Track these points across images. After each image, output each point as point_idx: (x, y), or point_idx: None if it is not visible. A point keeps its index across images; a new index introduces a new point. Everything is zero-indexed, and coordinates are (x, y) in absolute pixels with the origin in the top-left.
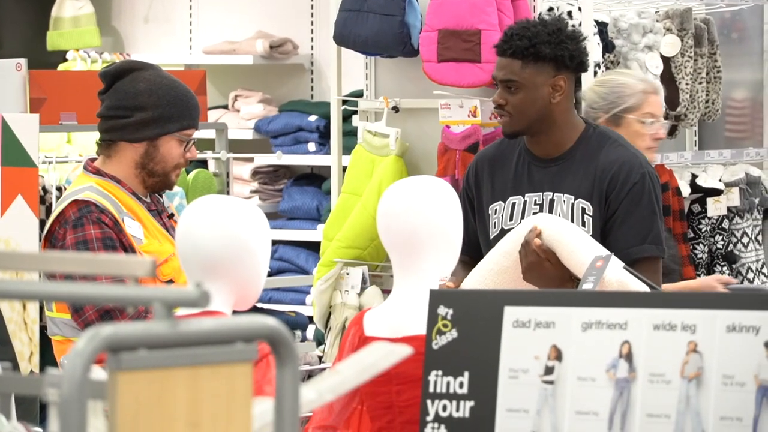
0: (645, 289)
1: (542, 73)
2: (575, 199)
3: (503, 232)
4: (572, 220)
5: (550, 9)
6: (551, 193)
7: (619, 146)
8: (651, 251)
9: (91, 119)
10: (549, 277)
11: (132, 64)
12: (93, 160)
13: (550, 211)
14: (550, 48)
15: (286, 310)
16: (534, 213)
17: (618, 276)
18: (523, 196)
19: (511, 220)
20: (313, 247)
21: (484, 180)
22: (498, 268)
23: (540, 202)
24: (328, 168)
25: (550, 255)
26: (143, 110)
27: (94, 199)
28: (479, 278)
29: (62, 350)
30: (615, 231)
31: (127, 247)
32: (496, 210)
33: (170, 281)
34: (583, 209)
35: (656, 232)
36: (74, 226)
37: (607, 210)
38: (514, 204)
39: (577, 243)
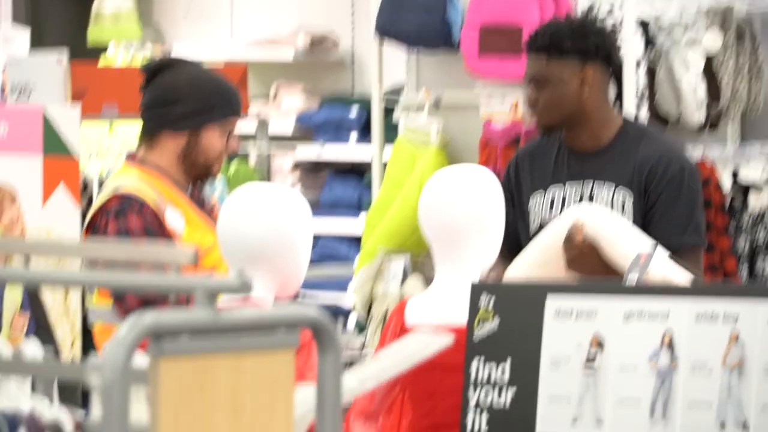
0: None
1: (568, 67)
2: (616, 186)
3: (542, 226)
4: (612, 208)
5: (590, 8)
6: (592, 180)
7: (658, 139)
8: (692, 241)
9: (133, 110)
10: (593, 270)
11: (172, 60)
12: (135, 153)
13: (591, 200)
14: (573, 41)
15: (328, 298)
16: (575, 203)
17: (663, 271)
18: (564, 185)
19: (551, 210)
20: (355, 240)
21: (524, 173)
22: (541, 260)
23: (580, 190)
24: (369, 164)
25: (593, 249)
26: (185, 100)
27: (135, 191)
28: (521, 270)
29: (104, 338)
30: (655, 222)
31: (168, 240)
32: (536, 202)
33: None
34: (624, 197)
35: (697, 222)
36: (116, 217)
37: (646, 201)
38: (554, 194)
39: (619, 236)
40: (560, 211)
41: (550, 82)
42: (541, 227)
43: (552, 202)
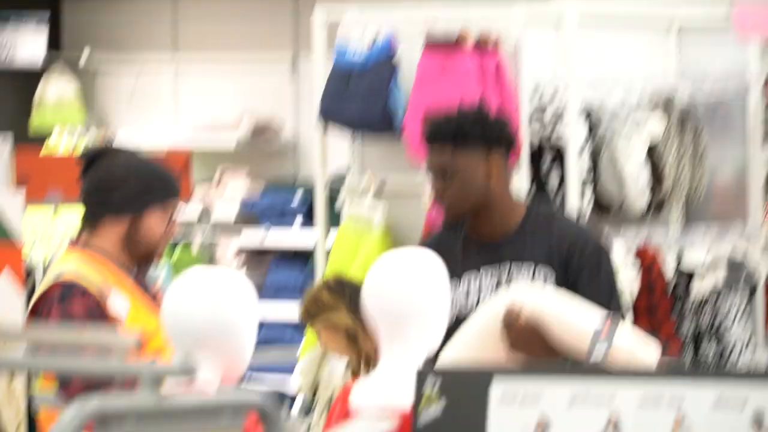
0: (651, 352)
1: (474, 156)
2: (536, 265)
3: (460, 315)
4: None
5: (534, 94)
6: (509, 262)
7: (569, 220)
8: (616, 312)
9: (78, 196)
10: (537, 352)
11: (110, 148)
12: (78, 238)
13: (510, 282)
14: (477, 131)
15: (274, 382)
16: (492, 287)
17: (627, 342)
18: (479, 271)
19: (467, 298)
20: (300, 325)
21: None
22: (478, 343)
23: (498, 274)
24: (313, 249)
25: (535, 330)
26: (124, 185)
27: (77, 277)
28: (457, 354)
29: (49, 422)
30: (579, 296)
31: (112, 325)
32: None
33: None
34: (546, 275)
35: (617, 295)
36: (59, 303)
37: (568, 278)
38: (469, 282)
39: (567, 313)
40: (477, 298)
41: (458, 173)
42: (458, 317)
43: (468, 289)
